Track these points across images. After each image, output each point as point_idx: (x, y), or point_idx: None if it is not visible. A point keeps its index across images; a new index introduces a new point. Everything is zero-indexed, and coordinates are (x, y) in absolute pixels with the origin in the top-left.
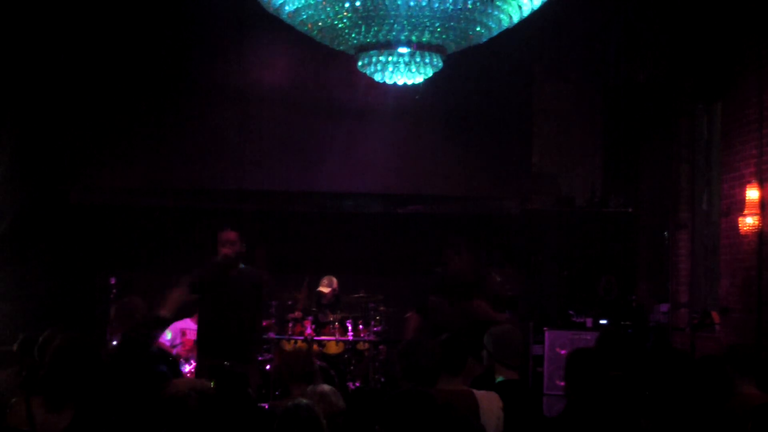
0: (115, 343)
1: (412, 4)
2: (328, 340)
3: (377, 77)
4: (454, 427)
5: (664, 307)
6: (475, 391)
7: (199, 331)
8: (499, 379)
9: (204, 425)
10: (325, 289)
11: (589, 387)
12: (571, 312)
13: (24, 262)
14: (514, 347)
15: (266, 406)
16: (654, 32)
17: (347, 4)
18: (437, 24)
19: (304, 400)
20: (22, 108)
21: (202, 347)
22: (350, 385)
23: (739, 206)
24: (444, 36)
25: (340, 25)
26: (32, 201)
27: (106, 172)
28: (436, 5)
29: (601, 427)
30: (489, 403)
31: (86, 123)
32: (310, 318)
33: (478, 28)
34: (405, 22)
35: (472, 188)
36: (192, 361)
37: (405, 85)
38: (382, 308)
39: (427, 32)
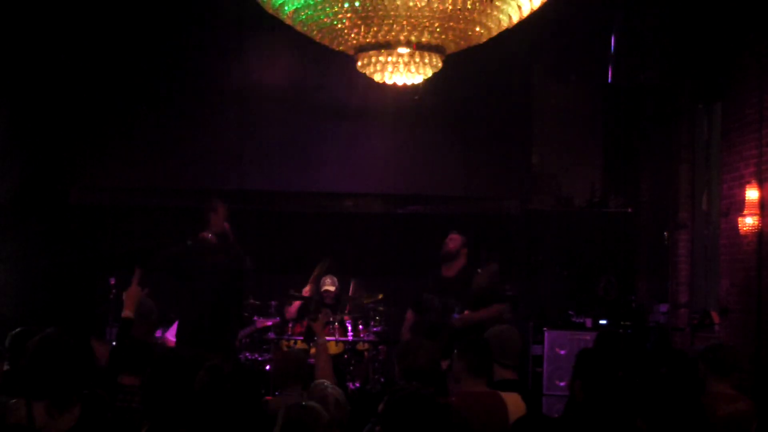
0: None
1: (411, 4)
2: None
3: (377, 77)
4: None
5: (664, 308)
6: (501, 393)
7: (180, 318)
8: (497, 379)
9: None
10: (331, 288)
11: (601, 388)
12: (571, 312)
13: (23, 263)
14: (510, 347)
15: None
16: (654, 32)
17: (347, 5)
18: (437, 24)
19: (305, 401)
20: (21, 108)
21: (181, 335)
22: (350, 385)
23: (738, 206)
24: (443, 36)
25: (339, 26)
26: (31, 201)
27: (106, 172)
28: (436, 5)
29: (601, 428)
30: (515, 405)
31: (86, 123)
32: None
33: (477, 29)
34: (404, 23)
35: (472, 188)
36: None
37: (405, 85)
38: (382, 308)
39: (426, 32)
